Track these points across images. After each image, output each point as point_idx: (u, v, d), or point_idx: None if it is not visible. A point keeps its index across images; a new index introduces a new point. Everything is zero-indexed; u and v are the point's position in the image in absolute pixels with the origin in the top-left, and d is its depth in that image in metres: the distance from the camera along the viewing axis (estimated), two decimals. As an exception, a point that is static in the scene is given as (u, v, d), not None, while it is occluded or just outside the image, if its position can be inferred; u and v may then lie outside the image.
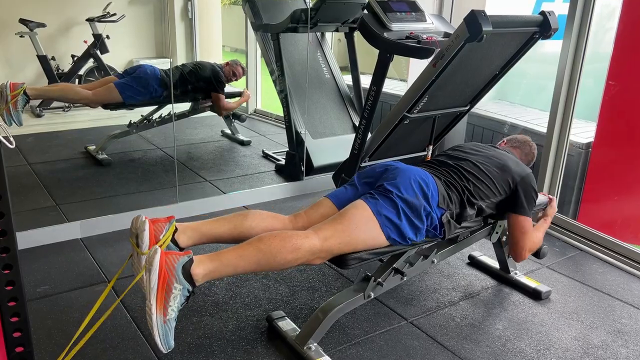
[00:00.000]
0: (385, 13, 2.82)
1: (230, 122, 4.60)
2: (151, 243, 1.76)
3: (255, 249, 1.74)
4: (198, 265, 1.63)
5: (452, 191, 2.12)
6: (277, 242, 1.75)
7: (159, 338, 1.55)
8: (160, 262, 1.56)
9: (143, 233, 1.76)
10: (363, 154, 3.10)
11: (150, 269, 1.55)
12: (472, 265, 2.80)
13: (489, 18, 2.33)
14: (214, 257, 1.69)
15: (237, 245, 1.76)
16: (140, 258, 1.76)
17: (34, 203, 3.21)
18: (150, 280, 1.54)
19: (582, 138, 3.36)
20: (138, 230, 1.77)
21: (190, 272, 1.61)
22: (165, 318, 1.55)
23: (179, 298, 1.58)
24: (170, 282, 1.56)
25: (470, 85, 2.90)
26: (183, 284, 1.58)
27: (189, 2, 5.62)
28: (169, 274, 1.57)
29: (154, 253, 1.57)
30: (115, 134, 4.11)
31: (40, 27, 4.54)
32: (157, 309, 1.54)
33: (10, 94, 3.33)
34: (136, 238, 1.77)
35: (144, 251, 1.74)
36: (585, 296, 2.57)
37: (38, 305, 2.27)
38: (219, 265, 1.68)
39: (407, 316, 2.33)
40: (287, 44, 3.96)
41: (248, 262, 1.73)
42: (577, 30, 2.95)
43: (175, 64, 5.50)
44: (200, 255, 1.68)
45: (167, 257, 1.60)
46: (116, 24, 4.87)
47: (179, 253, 1.64)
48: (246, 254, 1.73)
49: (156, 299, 1.55)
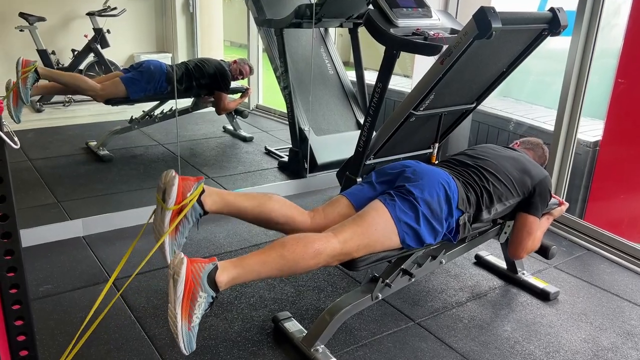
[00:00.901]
0: (391, 9, 2.78)
1: (232, 118, 4.56)
2: (178, 199, 1.75)
3: (278, 255, 1.71)
4: (222, 273, 1.62)
5: (470, 193, 2.09)
6: (300, 248, 1.73)
7: (183, 344, 1.55)
8: (187, 272, 1.55)
9: (172, 188, 1.74)
10: (368, 151, 3.07)
11: (178, 279, 1.53)
12: (478, 265, 2.77)
13: (498, 15, 2.29)
14: (237, 263, 1.67)
15: (260, 251, 1.73)
16: (164, 213, 1.75)
17: (35, 200, 3.17)
18: (177, 290, 1.52)
19: (589, 136, 3.33)
20: (167, 184, 1.75)
21: (215, 280, 1.59)
22: (190, 325, 1.55)
23: (204, 305, 1.57)
24: (196, 290, 1.55)
25: (477, 83, 2.86)
26: (208, 292, 1.57)
27: (190, -5, 5.58)
28: (194, 283, 1.55)
29: (180, 263, 1.55)
30: (116, 130, 4.07)
31: (40, 21, 4.50)
32: (182, 317, 1.53)
33: (22, 69, 3.34)
34: (163, 193, 1.76)
35: (169, 207, 1.73)
36: (593, 297, 2.54)
37: (41, 305, 2.23)
38: (242, 271, 1.67)
39: (415, 317, 2.30)
40: (291, 39, 3.92)
41: (271, 269, 1.71)
42: (586, 26, 2.91)
43: (176, 59, 5.48)
44: (224, 261, 1.66)
45: (193, 265, 1.58)
46: (117, 18, 4.83)
47: (204, 260, 1.62)
48: (269, 261, 1.71)
49: (181, 307, 1.53)
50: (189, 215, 1.78)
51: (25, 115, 4.10)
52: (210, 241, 2.84)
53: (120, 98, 3.81)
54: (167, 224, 1.75)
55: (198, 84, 4.07)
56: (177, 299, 1.52)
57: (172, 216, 1.76)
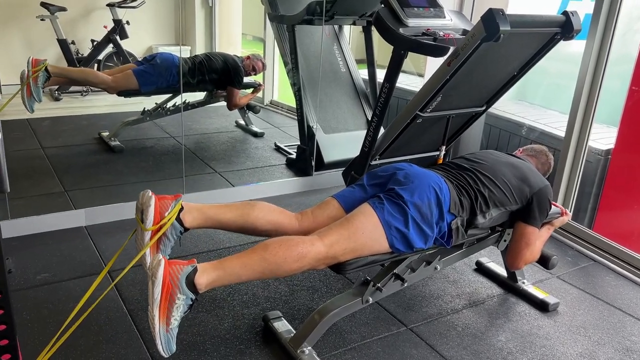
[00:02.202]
0: (402, 8, 2.74)
1: (244, 113, 4.57)
2: (156, 220, 1.75)
3: (260, 258, 1.70)
4: (202, 275, 1.61)
5: (463, 196, 2.05)
6: (283, 251, 1.72)
7: (161, 346, 1.55)
8: (164, 274, 1.55)
9: (149, 209, 1.74)
10: (373, 151, 3.04)
11: (154, 280, 1.53)
12: (479, 271, 2.72)
13: (507, 17, 2.24)
14: (218, 265, 1.67)
15: (242, 253, 1.72)
16: (143, 234, 1.75)
17: (43, 188, 3.21)
18: (154, 292, 1.53)
19: (601, 144, 3.24)
20: (144, 205, 1.76)
21: (194, 282, 1.59)
22: (168, 327, 1.55)
23: (182, 307, 1.57)
24: (174, 292, 1.55)
25: (487, 86, 2.80)
26: (186, 294, 1.57)
27: (210, -11, 5.60)
28: (172, 285, 1.55)
29: (158, 265, 1.55)
30: (128, 121, 4.10)
31: (61, 11, 4.55)
32: (160, 319, 1.54)
33: (32, 69, 3.37)
34: (141, 214, 1.76)
35: (147, 227, 1.74)
36: (595, 310, 2.47)
37: (36, 293, 2.26)
38: (223, 274, 1.66)
39: (407, 322, 2.27)
40: (304, 36, 3.90)
41: (252, 271, 1.70)
42: (601, 31, 2.83)
43: (194, 52, 5.50)
44: (204, 263, 1.66)
45: (171, 267, 1.58)
46: (136, 10, 4.86)
47: (183, 262, 1.62)
48: (250, 263, 1.70)
49: (159, 309, 1.53)
50: (168, 234, 1.78)
51: (43, 103, 4.16)
52: (210, 236, 2.85)
53: (132, 90, 3.84)
54: (147, 245, 1.75)
55: (210, 78, 4.08)
56: (155, 301, 1.52)
57: (151, 236, 1.75)
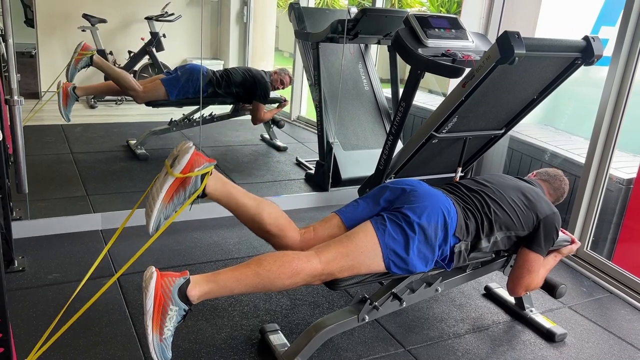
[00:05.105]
0: (422, 28, 2.76)
1: (268, 127, 4.63)
2: (185, 169, 1.75)
3: (253, 273, 1.72)
4: (194, 287, 1.64)
5: (469, 220, 2.02)
6: (277, 267, 1.72)
7: (155, 354, 1.58)
8: (156, 287, 1.58)
9: (185, 156, 1.75)
10: (389, 170, 3.03)
11: (147, 293, 1.57)
12: (487, 297, 2.66)
13: (522, 40, 2.23)
14: (211, 278, 1.69)
15: (235, 267, 1.74)
16: (166, 179, 1.75)
17: (67, 191, 3.32)
18: (147, 304, 1.57)
19: (623, 172, 3.14)
20: (180, 152, 1.77)
21: (187, 294, 1.62)
22: (161, 337, 1.59)
23: (175, 318, 1.61)
24: (166, 304, 1.59)
25: (505, 108, 2.77)
26: (179, 305, 1.60)
27: (245, 6, 5.73)
28: (164, 297, 1.59)
29: (150, 277, 1.59)
30: (155, 130, 4.21)
31: (101, 22, 4.74)
32: (154, 330, 1.57)
33: (80, 50, 3.65)
34: (173, 160, 1.77)
35: (175, 173, 1.74)
36: (605, 344, 2.38)
37: (45, 292, 2.34)
38: (215, 287, 1.68)
39: (406, 344, 2.23)
40: (329, 53, 3.94)
41: (245, 286, 1.72)
42: (625, 55, 2.76)
43: (227, 66, 5.62)
44: (197, 275, 1.68)
45: (163, 279, 1.61)
46: (173, 24, 5.02)
47: (176, 274, 1.64)
48: (243, 278, 1.71)
49: (152, 320, 1.57)
50: (188, 188, 1.78)
51: (78, 110, 4.32)
52: (220, 246, 2.89)
53: (160, 100, 3.95)
54: (165, 190, 1.74)
55: (237, 91, 4.15)
56: (147, 312, 1.56)
57: (172, 184, 1.76)
